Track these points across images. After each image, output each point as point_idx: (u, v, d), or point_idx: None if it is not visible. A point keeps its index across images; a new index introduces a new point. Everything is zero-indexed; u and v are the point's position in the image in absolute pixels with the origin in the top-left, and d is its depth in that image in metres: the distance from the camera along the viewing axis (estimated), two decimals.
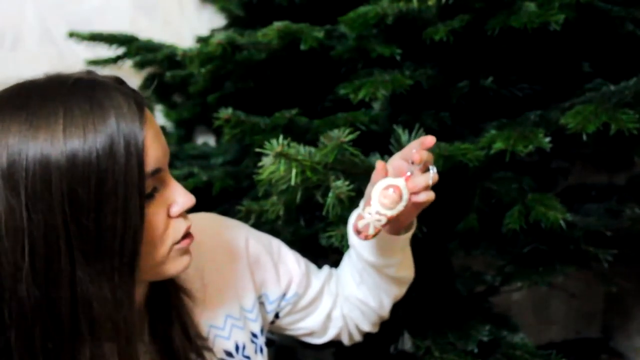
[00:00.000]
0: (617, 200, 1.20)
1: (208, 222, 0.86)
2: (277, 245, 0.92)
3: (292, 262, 0.91)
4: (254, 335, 0.85)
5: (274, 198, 1.04)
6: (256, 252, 0.87)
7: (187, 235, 0.69)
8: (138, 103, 0.62)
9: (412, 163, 0.72)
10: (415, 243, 0.90)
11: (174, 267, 0.69)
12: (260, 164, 0.88)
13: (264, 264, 0.88)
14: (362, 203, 0.82)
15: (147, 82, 1.67)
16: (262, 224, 1.11)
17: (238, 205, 1.14)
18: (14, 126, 0.60)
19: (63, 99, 0.60)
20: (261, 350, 0.86)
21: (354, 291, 0.90)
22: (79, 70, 0.66)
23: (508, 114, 1.10)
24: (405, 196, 0.71)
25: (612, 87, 1.01)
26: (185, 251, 0.70)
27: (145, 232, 0.63)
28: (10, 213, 0.59)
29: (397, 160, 0.76)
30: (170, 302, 0.74)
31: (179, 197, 0.67)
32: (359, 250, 0.85)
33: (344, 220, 0.98)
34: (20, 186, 0.59)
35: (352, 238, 0.86)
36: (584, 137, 0.90)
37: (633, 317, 1.69)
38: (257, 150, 0.89)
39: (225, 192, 1.28)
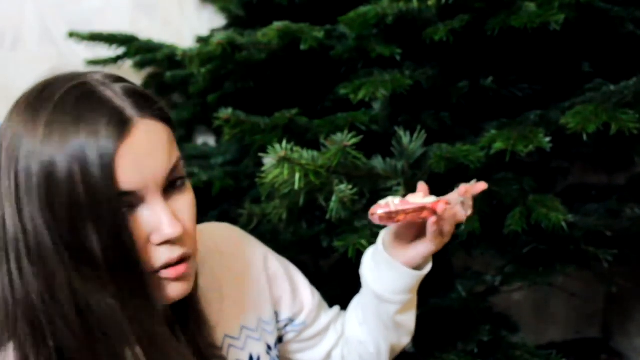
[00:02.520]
0: (617, 200, 1.20)
1: (228, 233, 0.86)
2: (295, 271, 0.91)
3: (306, 291, 0.90)
4: (269, 347, 0.84)
5: (277, 201, 1.04)
6: (275, 269, 0.87)
7: (177, 263, 0.65)
8: (121, 121, 0.60)
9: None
10: None
11: (161, 294, 0.66)
12: (263, 168, 0.88)
13: (282, 282, 0.87)
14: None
15: (147, 82, 1.67)
16: (265, 227, 1.11)
17: (238, 206, 1.15)
18: (15, 124, 0.61)
19: (54, 105, 0.60)
20: None
21: (356, 331, 0.89)
22: (94, 72, 0.65)
23: (508, 114, 1.10)
24: (423, 200, 0.73)
25: (612, 87, 1.01)
26: (178, 279, 0.65)
27: None
28: (6, 217, 0.61)
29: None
30: (188, 311, 0.73)
31: (163, 226, 0.62)
32: (367, 277, 0.84)
33: (350, 228, 0.98)
34: (12, 191, 0.60)
35: (363, 266, 0.85)
36: (584, 137, 0.90)
37: (633, 317, 1.69)
38: (260, 154, 0.88)
39: (225, 192, 1.28)
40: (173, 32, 1.70)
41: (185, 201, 0.66)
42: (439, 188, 0.82)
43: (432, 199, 0.74)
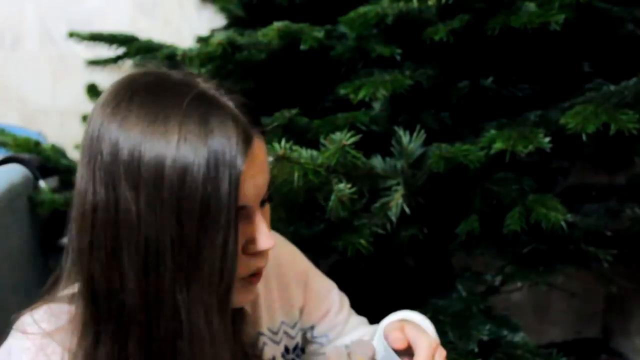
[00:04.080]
0: (617, 200, 1.20)
1: None
2: (329, 287, 0.90)
3: (335, 305, 0.88)
4: (287, 351, 0.84)
5: (276, 201, 1.04)
6: (304, 273, 0.86)
7: (257, 272, 0.67)
8: (247, 138, 0.60)
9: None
10: (416, 244, 0.89)
11: (237, 299, 0.66)
12: None
13: (310, 290, 0.86)
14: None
15: None
16: None
17: None
18: (140, 118, 0.59)
19: (182, 112, 0.59)
20: None
21: None
22: (204, 77, 0.64)
23: (508, 114, 1.10)
24: None
25: (612, 87, 1.02)
26: (251, 285, 0.68)
27: None
28: (125, 206, 0.58)
29: None
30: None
31: (261, 237, 0.64)
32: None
33: (349, 227, 0.98)
34: (140, 182, 0.58)
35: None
36: (584, 137, 0.90)
37: (633, 317, 1.69)
38: None
39: None
40: (173, 32, 1.70)
41: (269, 213, 0.68)
42: (439, 188, 0.82)
43: None
